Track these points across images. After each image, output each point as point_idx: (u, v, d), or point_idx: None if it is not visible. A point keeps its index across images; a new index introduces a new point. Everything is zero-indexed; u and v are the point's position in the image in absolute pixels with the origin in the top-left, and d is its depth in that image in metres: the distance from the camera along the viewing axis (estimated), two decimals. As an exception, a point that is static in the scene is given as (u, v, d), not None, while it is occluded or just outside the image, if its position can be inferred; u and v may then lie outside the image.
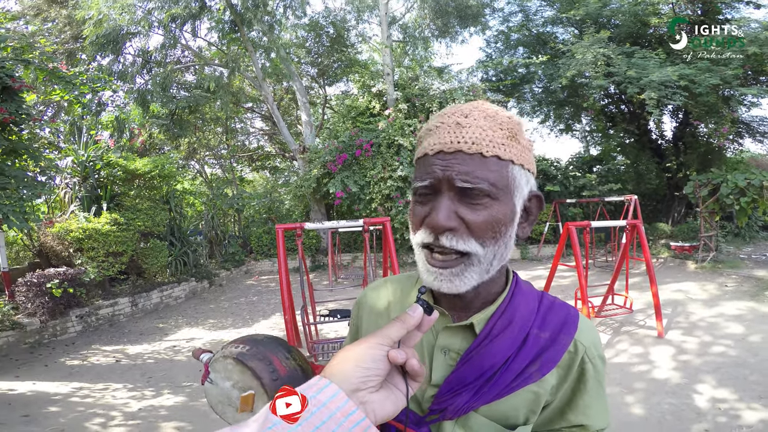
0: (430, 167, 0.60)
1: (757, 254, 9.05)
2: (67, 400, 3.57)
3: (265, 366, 0.60)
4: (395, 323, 0.51)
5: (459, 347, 0.66)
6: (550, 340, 0.65)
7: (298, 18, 11.15)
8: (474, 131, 0.59)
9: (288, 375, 0.60)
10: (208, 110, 12.17)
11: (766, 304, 5.39)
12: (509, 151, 0.60)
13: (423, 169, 0.62)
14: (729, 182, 7.23)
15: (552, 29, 12.12)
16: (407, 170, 8.65)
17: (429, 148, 0.61)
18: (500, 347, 0.63)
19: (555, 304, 0.70)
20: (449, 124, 0.61)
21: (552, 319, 0.67)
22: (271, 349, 0.63)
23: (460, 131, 0.59)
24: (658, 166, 11.71)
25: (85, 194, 6.70)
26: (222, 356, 0.60)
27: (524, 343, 0.64)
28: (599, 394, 0.67)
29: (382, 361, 0.48)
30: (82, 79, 5.65)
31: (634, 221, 4.46)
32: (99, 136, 8.37)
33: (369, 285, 0.86)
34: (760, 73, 8.31)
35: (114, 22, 8.68)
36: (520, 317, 0.66)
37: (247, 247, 11.06)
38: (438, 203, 0.59)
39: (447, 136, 0.59)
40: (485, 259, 0.59)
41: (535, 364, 0.63)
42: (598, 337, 0.70)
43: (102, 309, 6.00)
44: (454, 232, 0.58)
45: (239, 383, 0.58)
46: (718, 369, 3.63)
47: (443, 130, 0.61)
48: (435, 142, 0.61)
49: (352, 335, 0.86)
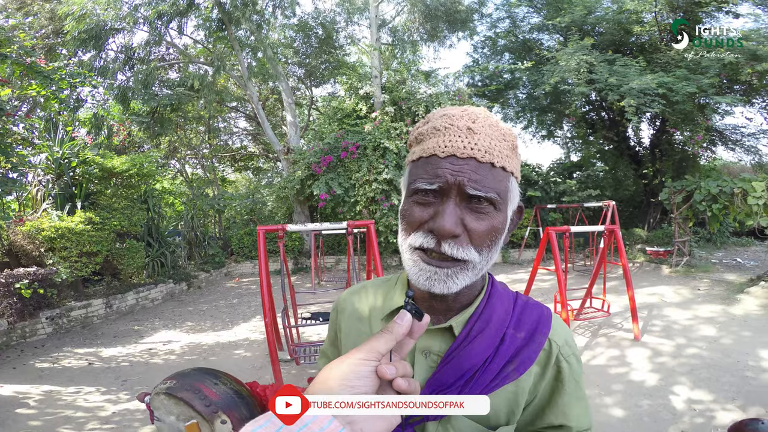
0: (440, 170, 0.58)
1: (727, 259, 9.36)
2: (38, 403, 3.44)
3: (194, 394, 0.59)
4: (383, 335, 0.49)
5: (439, 349, 0.67)
6: (525, 339, 0.66)
7: (287, 18, 11.08)
8: (485, 139, 0.59)
9: (220, 399, 0.60)
10: (190, 109, 11.95)
11: (737, 307, 5.57)
12: (511, 164, 0.62)
13: (429, 170, 0.60)
14: (702, 189, 7.47)
15: (538, 36, 12.36)
16: (392, 173, 8.65)
17: (439, 150, 0.59)
18: (479, 348, 0.64)
19: (529, 304, 0.71)
20: (460, 128, 0.60)
21: (527, 319, 0.68)
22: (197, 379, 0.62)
23: (472, 137, 0.59)
24: (635, 173, 12.03)
25: (59, 192, 6.48)
26: (155, 393, 0.60)
27: (501, 343, 0.65)
28: (578, 395, 0.68)
29: (370, 378, 0.46)
30: (61, 75, 5.48)
31: (612, 227, 4.56)
32: (76, 133, 8.13)
33: (347, 290, 0.85)
34: (735, 81, 8.61)
35: (97, 18, 8.47)
36: (497, 318, 0.67)
37: (228, 248, 10.88)
38: (444, 208, 0.58)
39: (459, 141, 0.59)
40: (479, 266, 0.60)
41: (512, 364, 0.64)
42: (572, 336, 0.71)
43: (74, 310, 5.81)
44: (456, 239, 0.58)
45: (180, 415, 0.58)
46: (692, 371, 3.72)
47: (453, 133, 0.60)
48: (446, 144, 0.59)
49: (331, 339, 0.85)
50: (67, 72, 5.78)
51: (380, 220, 8.85)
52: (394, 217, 8.86)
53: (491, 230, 0.59)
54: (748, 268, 8.19)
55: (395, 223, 8.85)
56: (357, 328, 0.77)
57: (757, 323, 4.88)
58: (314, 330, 5.21)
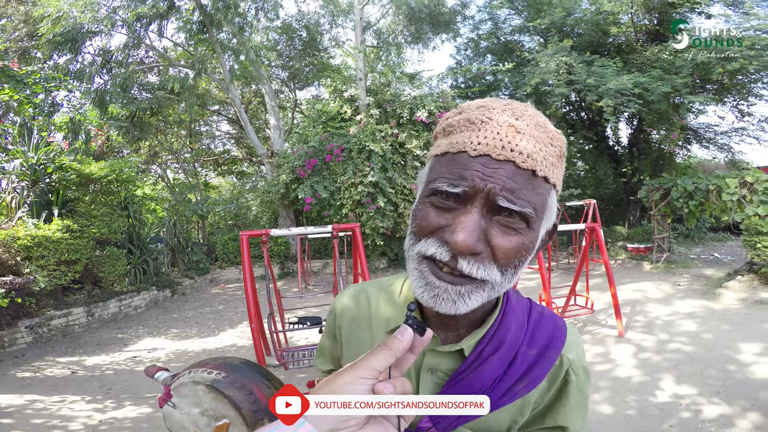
0: (468, 171, 0.49)
1: (705, 254, 9.64)
2: (22, 413, 3.35)
3: (245, 395, 0.55)
4: (381, 351, 0.45)
5: (446, 368, 0.64)
6: (537, 356, 0.63)
7: (270, 21, 10.99)
8: (529, 141, 0.49)
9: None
10: (171, 112, 11.75)
11: (716, 302, 5.74)
12: (555, 174, 0.52)
13: (454, 170, 0.50)
14: (678, 186, 7.69)
15: (519, 38, 12.55)
16: (378, 176, 8.66)
17: (470, 146, 0.50)
18: (489, 370, 0.61)
19: (543, 317, 0.67)
20: (500, 124, 0.50)
21: (540, 335, 0.65)
22: (250, 377, 0.58)
23: (514, 136, 0.49)
24: (615, 172, 12.31)
25: (35, 199, 6.29)
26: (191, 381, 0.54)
27: (513, 361, 0.62)
28: (580, 402, 0.68)
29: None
30: (35, 78, 5.32)
31: (593, 224, 4.65)
32: (51, 138, 7.90)
33: (344, 291, 0.80)
34: (707, 81, 8.89)
35: (74, 20, 8.25)
36: (510, 337, 0.62)
37: (212, 254, 10.72)
38: (466, 218, 0.49)
39: (498, 138, 0.49)
40: (498, 287, 0.52)
41: (522, 382, 0.61)
42: (583, 350, 0.69)
43: (54, 319, 5.65)
44: (476, 256, 0.50)
45: (210, 411, 0.53)
46: (676, 365, 3.79)
47: (492, 128, 0.50)
48: (479, 140, 0.49)
49: (330, 340, 0.82)
50: (41, 76, 5.63)
51: (366, 222, 8.84)
52: (380, 220, 8.86)
53: (519, 249, 0.50)
54: (726, 263, 8.45)
55: (382, 225, 8.86)
56: (357, 335, 0.74)
57: (736, 317, 5.03)
58: (302, 334, 5.18)
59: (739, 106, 9.91)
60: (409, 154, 9.21)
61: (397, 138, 9.15)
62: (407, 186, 9.04)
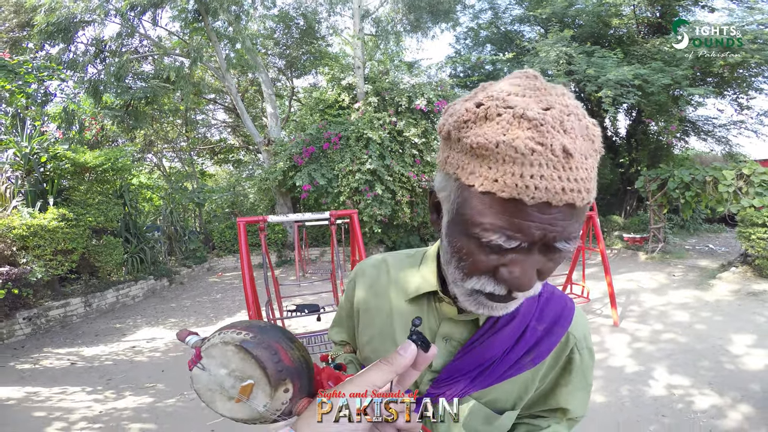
0: (525, 223, 0.44)
1: (700, 245, 9.72)
2: (22, 405, 3.36)
3: (271, 355, 0.56)
4: (381, 366, 0.44)
5: (460, 337, 0.66)
6: (545, 331, 0.65)
7: (267, 8, 10.83)
8: (582, 165, 0.43)
9: (293, 366, 0.57)
10: (166, 101, 11.61)
11: (709, 293, 5.80)
12: (594, 188, 0.46)
13: (507, 221, 0.44)
14: (675, 177, 7.70)
15: (519, 27, 12.44)
16: (376, 163, 8.63)
17: (525, 193, 0.42)
18: (500, 340, 0.63)
19: (554, 296, 0.70)
20: (555, 151, 0.42)
21: (549, 312, 0.67)
22: (275, 338, 0.59)
23: (569, 167, 0.42)
24: (613, 162, 12.32)
25: (29, 189, 6.23)
26: (222, 342, 0.55)
27: (522, 335, 0.65)
28: (583, 385, 0.70)
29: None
30: (27, 68, 5.24)
31: (590, 213, 4.65)
32: (45, 128, 7.81)
33: (367, 260, 0.82)
34: (708, 74, 8.85)
35: (67, 10, 8.10)
36: (522, 311, 0.65)
37: (210, 243, 10.70)
38: (525, 265, 0.47)
39: (556, 178, 0.42)
40: (535, 289, 0.54)
41: (529, 355, 0.64)
42: (589, 331, 0.72)
43: (52, 310, 5.64)
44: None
45: (236, 372, 0.54)
46: (669, 356, 3.84)
47: (546, 160, 0.42)
48: (537, 185, 0.42)
49: (346, 311, 0.84)
50: (33, 66, 5.54)
51: (364, 210, 8.84)
52: (378, 207, 8.86)
53: (557, 266, 0.52)
54: (720, 254, 8.52)
55: (380, 213, 8.85)
56: (376, 302, 0.76)
57: (729, 308, 5.08)
58: (300, 322, 5.20)
59: (738, 100, 9.89)
60: (407, 142, 9.17)
61: (396, 126, 9.10)
62: (405, 174, 9.03)
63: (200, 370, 0.57)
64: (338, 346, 0.89)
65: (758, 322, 4.53)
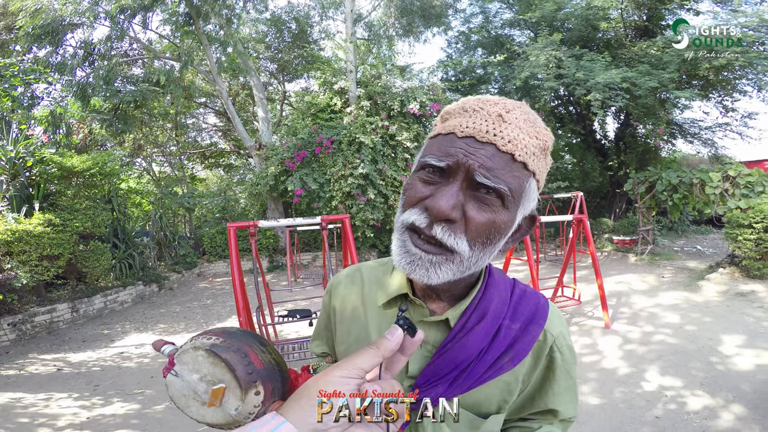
0: (453, 149, 0.54)
1: (688, 247, 9.84)
2: (7, 411, 3.29)
3: (240, 358, 0.55)
4: (368, 350, 0.45)
5: (434, 339, 0.66)
6: (520, 330, 0.65)
7: (259, 12, 10.82)
8: (513, 130, 0.55)
9: (264, 369, 0.56)
10: (156, 105, 11.51)
11: (698, 294, 5.87)
12: (536, 163, 0.57)
13: (442, 147, 0.56)
14: (663, 180, 7.81)
15: (509, 31, 12.58)
16: (368, 167, 8.62)
17: (458, 129, 0.55)
18: (474, 340, 0.63)
19: (526, 294, 0.70)
20: (490, 113, 0.55)
21: (523, 310, 0.67)
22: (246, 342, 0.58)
23: (500, 124, 0.54)
24: (602, 165, 12.47)
25: (14, 193, 6.12)
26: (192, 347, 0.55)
27: (496, 335, 0.64)
28: (569, 385, 0.70)
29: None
30: (13, 71, 5.16)
31: (580, 216, 4.69)
32: (31, 131, 7.69)
33: (341, 272, 0.83)
34: (693, 77, 9.01)
35: (54, 13, 7.99)
36: (494, 309, 0.65)
37: (200, 248, 10.59)
38: (446, 188, 0.54)
39: (484, 124, 0.54)
40: (467, 261, 0.56)
41: (506, 355, 0.64)
42: (567, 327, 0.72)
43: (38, 316, 5.53)
44: (450, 224, 0.54)
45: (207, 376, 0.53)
46: (661, 357, 3.86)
47: (481, 116, 0.55)
48: (468, 125, 0.55)
49: (324, 322, 0.84)
50: (20, 68, 5.46)
51: (356, 215, 8.82)
52: (370, 212, 8.84)
53: (491, 225, 0.55)
54: (708, 256, 8.64)
55: (372, 217, 8.84)
56: (351, 312, 0.76)
57: (717, 309, 5.14)
58: (292, 328, 5.16)
59: (723, 102, 10.08)
60: (400, 146, 9.18)
61: (388, 130, 9.11)
62: (397, 178, 9.03)
63: (173, 376, 0.56)
64: (320, 358, 0.90)
65: (747, 322, 4.58)
